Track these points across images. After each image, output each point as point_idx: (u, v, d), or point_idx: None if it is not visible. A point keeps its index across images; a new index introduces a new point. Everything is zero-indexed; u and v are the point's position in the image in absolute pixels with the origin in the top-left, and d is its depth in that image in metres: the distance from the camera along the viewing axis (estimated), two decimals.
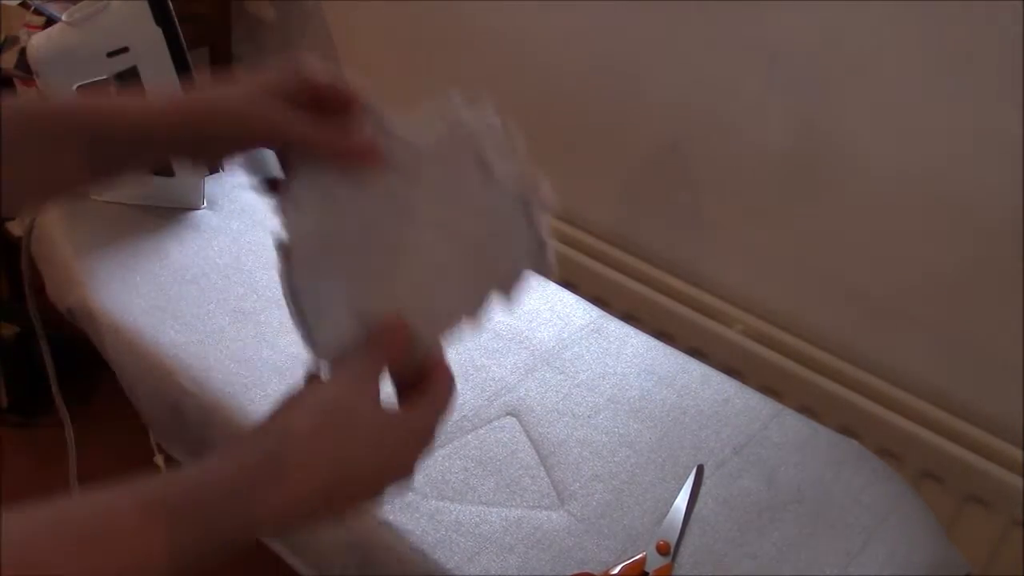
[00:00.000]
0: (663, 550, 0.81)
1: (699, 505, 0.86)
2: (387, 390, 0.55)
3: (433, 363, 0.57)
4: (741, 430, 0.95)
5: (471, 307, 0.58)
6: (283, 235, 0.58)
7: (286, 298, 0.57)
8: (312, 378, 0.55)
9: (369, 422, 0.51)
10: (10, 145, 0.53)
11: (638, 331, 1.06)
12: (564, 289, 1.11)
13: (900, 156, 1.25)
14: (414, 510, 0.82)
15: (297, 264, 0.57)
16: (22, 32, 1.70)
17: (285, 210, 0.58)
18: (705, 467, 0.90)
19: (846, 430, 1.30)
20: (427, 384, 0.55)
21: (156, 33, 0.99)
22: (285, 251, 0.57)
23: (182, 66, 1.02)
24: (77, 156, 0.55)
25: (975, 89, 1.16)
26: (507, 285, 0.57)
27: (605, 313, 1.09)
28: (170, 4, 0.99)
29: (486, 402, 0.94)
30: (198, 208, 1.19)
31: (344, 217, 0.58)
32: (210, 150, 0.59)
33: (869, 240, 1.32)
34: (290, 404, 0.51)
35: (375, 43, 1.84)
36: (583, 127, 1.58)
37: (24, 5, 1.75)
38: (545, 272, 0.57)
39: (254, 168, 0.60)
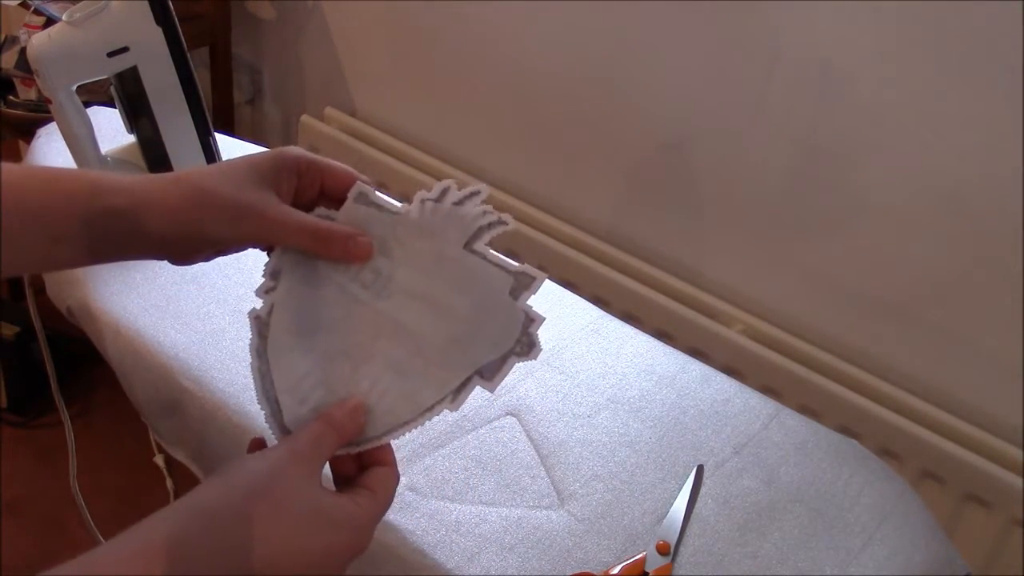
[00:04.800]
0: (663, 550, 0.81)
1: (699, 505, 0.86)
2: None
3: (380, 457, 0.55)
4: (741, 430, 0.95)
5: (449, 389, 0.55)
6: (261, 308, 0.57)
7: (253, 371, 0.56)
8: (255, 444, 0.54)
9: (303, 503, 0.48)
10: (9, 238, 0.53)
11: (638, 331, 1.06)
12: (564, 289, 1.11)
13: (900, 157, 1.25)
14: (414, 510, 0.82)
15: (272, 339, 0.56)
16: (22, 32, 1.70)
17: (265, 283, 0.58)
18: (705, 467, 0.90)
19: (846, 430, 1.30)
20: (373, 479, 0.53)
21: (156, 33, 0.99)
22: (260, 325, 0.56)
23: (182, 66, 1.02)
24: (78, 252, 0.56)
25: (975, 90, 1.16)
26: (489, 371, 0.55)
27: (605, 313, 1.08)
28: (170, 4, 0.99)
29: (486, 402, 0.94)
30: None
31: (323, 291, 0.57)
32: (202, 249, 0.59)
33: (869, 240, 1.33)
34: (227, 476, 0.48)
35: (375, 43, 1.84)
36: (583, 127, 1.58)
37: (24, 5, 1.75)
38: (531, 357, 0.55)
39: None
